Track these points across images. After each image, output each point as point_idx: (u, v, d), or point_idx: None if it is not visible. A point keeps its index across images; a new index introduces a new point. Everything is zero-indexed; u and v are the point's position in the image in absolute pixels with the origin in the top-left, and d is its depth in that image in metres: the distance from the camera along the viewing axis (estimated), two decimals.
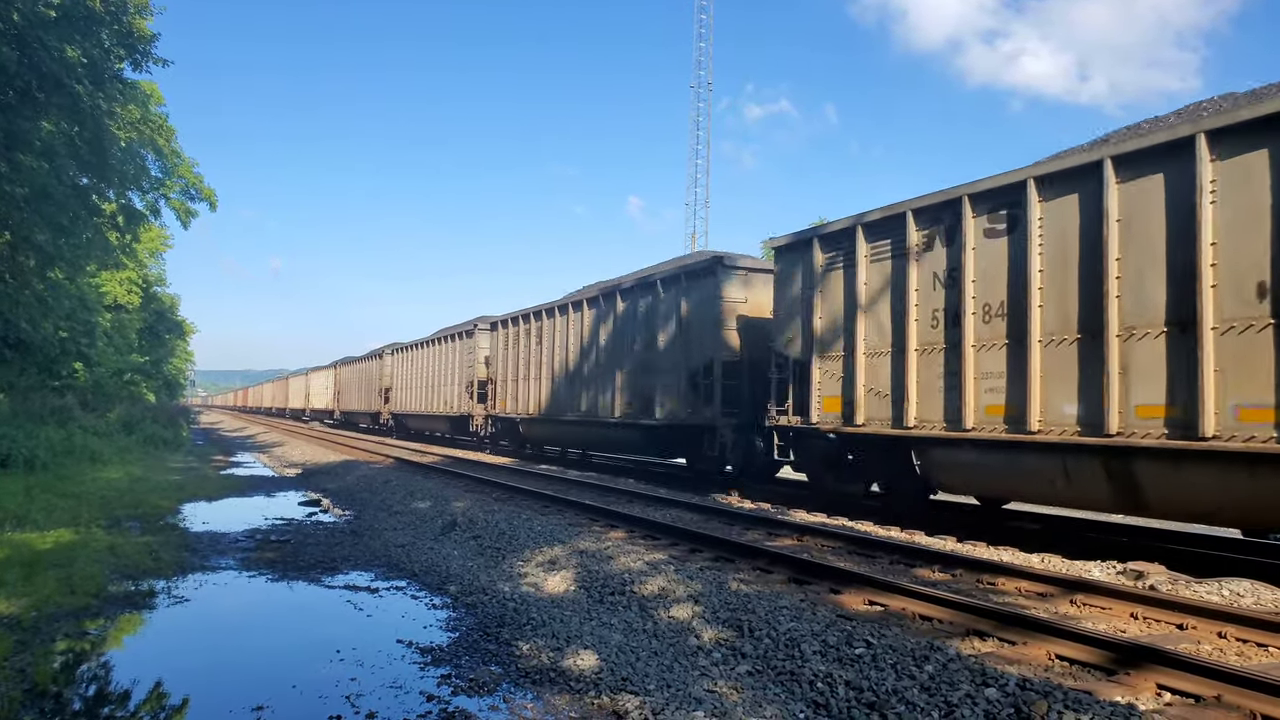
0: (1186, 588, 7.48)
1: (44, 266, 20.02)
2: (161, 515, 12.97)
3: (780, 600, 6.78)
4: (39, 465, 16.11)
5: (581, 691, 5.18)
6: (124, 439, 25.15)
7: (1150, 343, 8.38)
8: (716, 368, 15.41)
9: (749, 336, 15.46)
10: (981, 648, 5.69)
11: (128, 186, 24.11)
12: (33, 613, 6.82)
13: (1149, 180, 8.45)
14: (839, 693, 4.97)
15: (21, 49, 14.94)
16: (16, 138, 15.92)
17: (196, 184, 34.28)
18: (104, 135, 18.83)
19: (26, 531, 10.18)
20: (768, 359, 13.73)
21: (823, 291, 12.48)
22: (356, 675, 5.65)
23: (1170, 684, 4.80)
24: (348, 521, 12.96)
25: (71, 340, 26.65)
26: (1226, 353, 7.72)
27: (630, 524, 10.98)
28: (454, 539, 10.80)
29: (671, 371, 16.82)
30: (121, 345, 36.31)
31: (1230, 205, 7.82)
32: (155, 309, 45.42)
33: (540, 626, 6.57)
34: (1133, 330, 8.50)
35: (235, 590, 8.28)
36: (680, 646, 5.99)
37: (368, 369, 43.10)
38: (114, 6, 17.26)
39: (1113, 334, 8.60)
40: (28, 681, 5.41)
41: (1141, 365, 8.42)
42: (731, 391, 15.31)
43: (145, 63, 18.88)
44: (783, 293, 13.49)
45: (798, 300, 13.00)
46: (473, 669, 5.70)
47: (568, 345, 21.54)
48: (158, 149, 29.65)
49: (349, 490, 17.09)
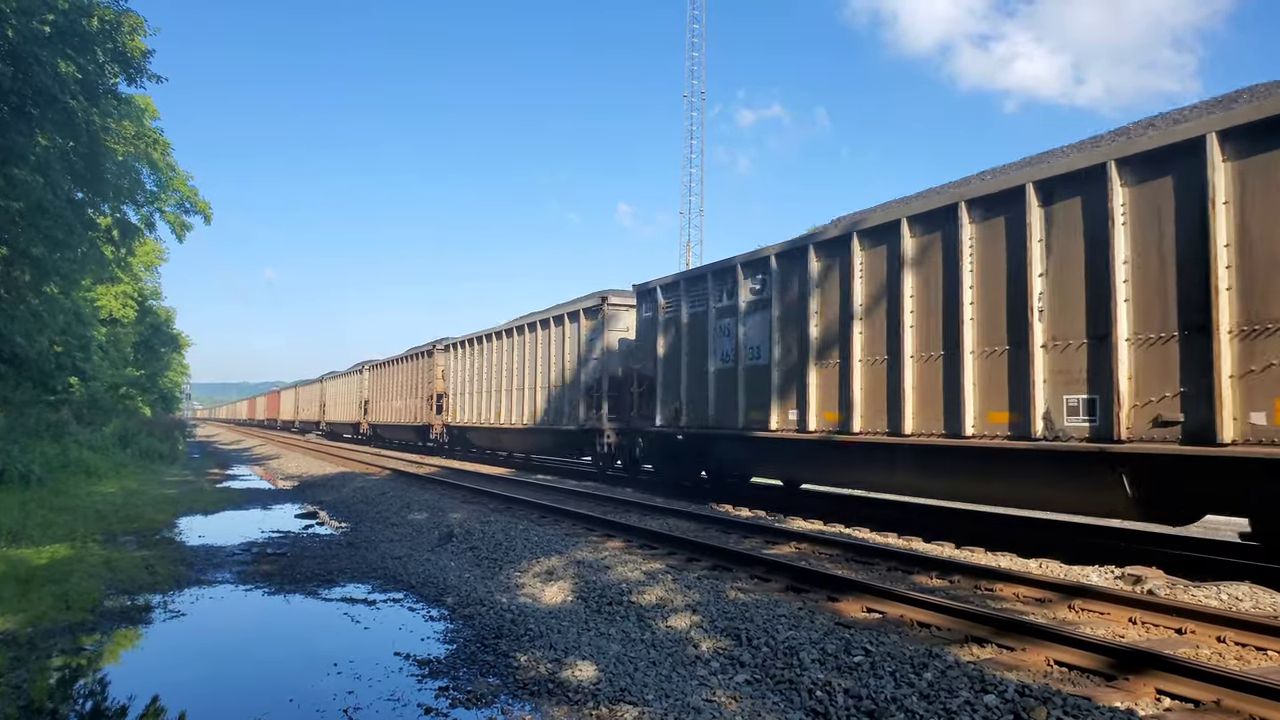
0: (1185, 592, 7.48)
1: (39, 281, 19.99)
2: (157, 529, 12.92)
3: (778, 608, 6.78)
4: (34, 480, 16.04)
5: (580, 703, 5.16)
6: (119, 453, 25.06)
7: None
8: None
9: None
10: (980, 654, 5.69)
11: (123, 200, 24.11)
12: (28, 628, 6.80)
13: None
14: (838, 701, 4.96)
15: (17, 65, 14.96)
16: (11, 152, 15.93)
17: (191, 197, 34.28)
18: (99, 150, 18.84)
19: (22, 547, 10.13)
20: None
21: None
22: (354, 688, 5.63)
23: (1169, 689, 4.80)
24: (344, 534, 12.92)
25: (67, 354, 26.60)
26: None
27: (627, 533, 10.97)
28: (451, 550, 10.77)
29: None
30: (117, 359, 36.23)
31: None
32: (151, 322, 45.34)
33: (538, 637, 6.56)
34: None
35: (232, 604, 8.25)
36: (679, 656, 5.98)
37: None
38: (108, 25, 17.28)
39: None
40: (24, 698, 5.39)
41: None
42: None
43: (140, 78, 18.91)
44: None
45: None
46: (471, 681, 5.68)
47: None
48: (152, 162, 29.64)
49: (345, 502, 17.05)
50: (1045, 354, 9.30)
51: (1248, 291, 7.65)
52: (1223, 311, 7.74)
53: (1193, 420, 7.97)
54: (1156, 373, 8.31)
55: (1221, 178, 7.83)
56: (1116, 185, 8.66)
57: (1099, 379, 8.76)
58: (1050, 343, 9.27)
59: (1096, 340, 8.82)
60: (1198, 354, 7.94)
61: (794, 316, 13.05)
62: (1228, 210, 7.80)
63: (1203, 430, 7.85)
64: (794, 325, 13.06)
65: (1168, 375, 8.22)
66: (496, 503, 14.89)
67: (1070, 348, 9.08)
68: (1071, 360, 9.06)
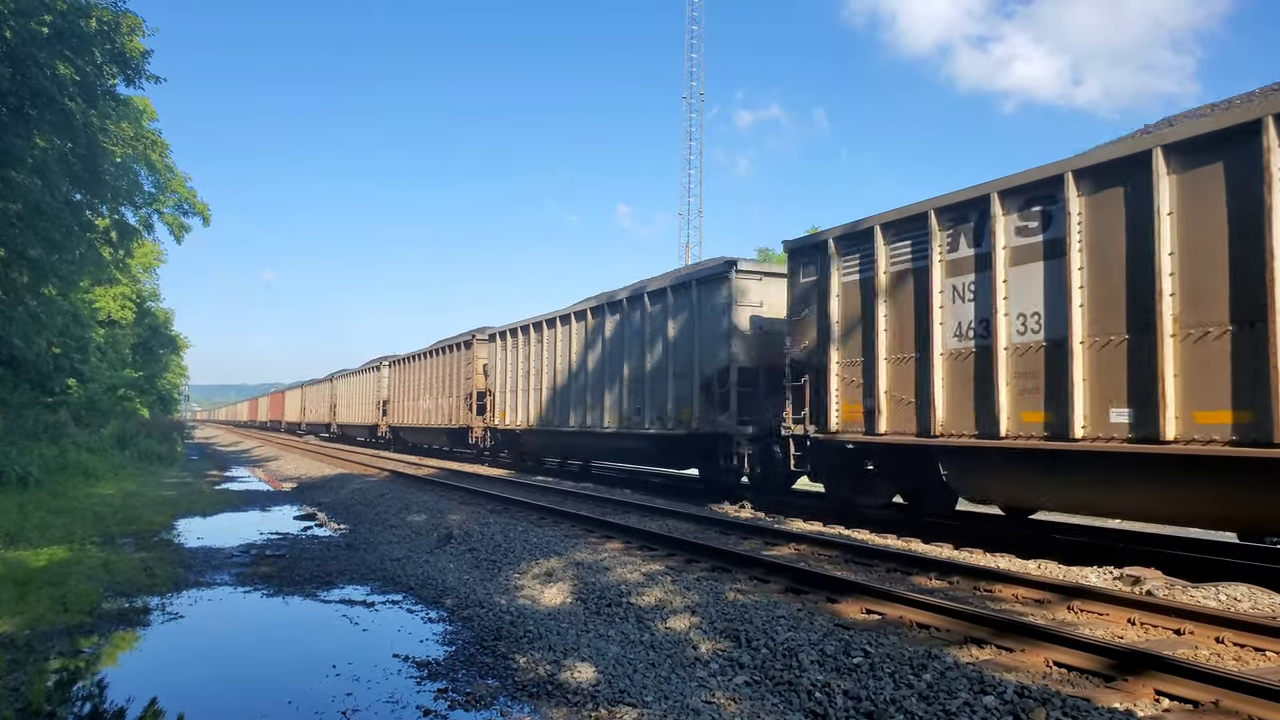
0: (1183, 592, 7.48)
1: (37, 282, 19.95)
2: (156, 531, 12.92)
3: (778, 610, 6.77)
4: (32, 482, 16.02)
5: (579, 704, 5.16)
6: (118, 455, 25.05)
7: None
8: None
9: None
10: (979, 655, 5.68)
11: (121, 202, 24.06)
12: (26, 631, 6.79)
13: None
14: (837, 702, 4.96)
15: (15, 66, 14.95)
16: (9, 154, 15.90)
17: (190, 198, 34.27)
18: (97, 151, 18.81)
19: (20, 549, 10.12)
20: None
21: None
22: (353, 690, 5.62)
23: (1168, 690, 4.80)
24: (343, 535, 12.91)
25: (65, 356, 26.55)
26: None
27: (627, 535, 10.97)
28: (450, 552, 10.77)
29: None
30: (115, 361, 36.19)
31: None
32: (149, 324, 45.29)
33: (537, 639, 6.55)
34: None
35: (230, 606, 8.24)
36: (678, 658, 5.98)
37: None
38: (107, 25, 17.27)
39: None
40: (21, 700, 5.38)
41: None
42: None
43: (138, 79, 18.89)
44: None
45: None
46: (469, 683, 5.68)
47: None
48: (150, 164, 29.60)
49: (344, 504, 17.04)
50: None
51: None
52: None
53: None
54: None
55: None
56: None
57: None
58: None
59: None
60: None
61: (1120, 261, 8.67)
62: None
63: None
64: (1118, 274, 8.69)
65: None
66: (495, 504, 14.88)
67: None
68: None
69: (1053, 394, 9.21)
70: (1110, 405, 8.64)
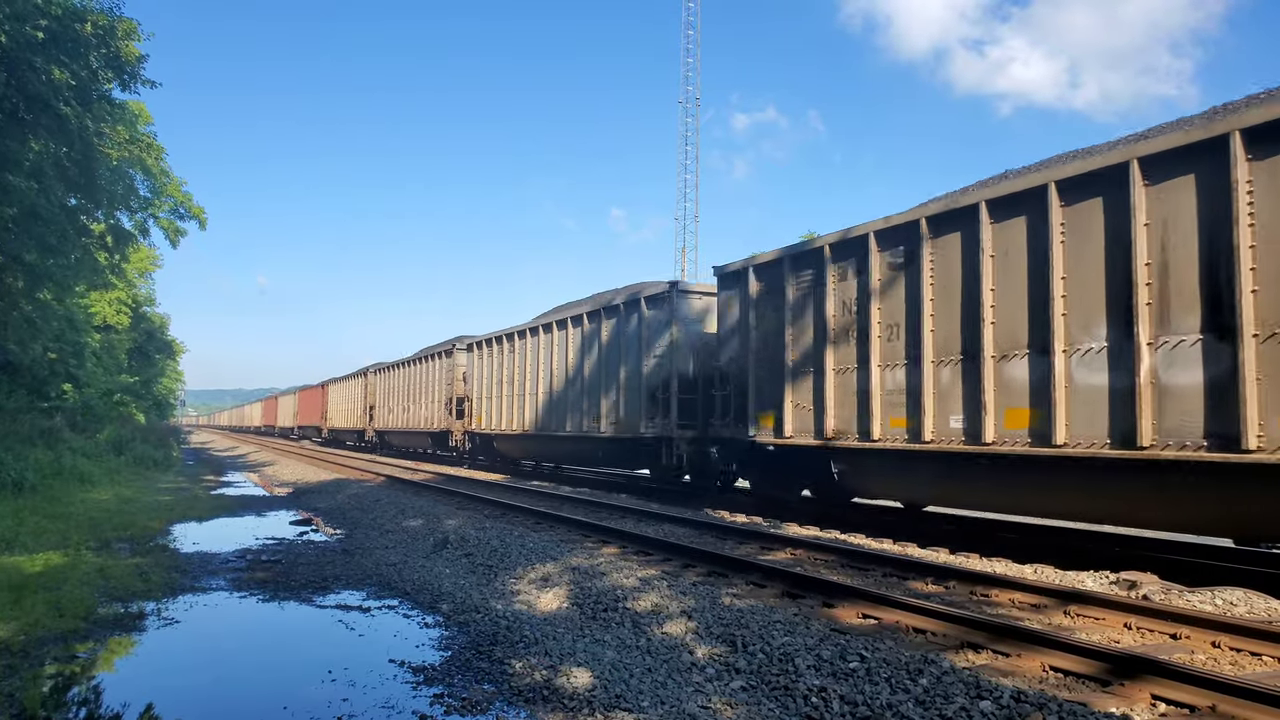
0: (1180, 597, 7.49)
1: (32, 287, 19.93)
2: (151, 536, 12.87)
3: (774, 615, 6.77)
4: (27, 487, 15.99)
5: (575, 710, 5.15)
6: (114, 460, 25.00)
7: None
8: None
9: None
10: (976, 660, 5.68)
11: (116, 206, 24.00)
12: (21, 636, 6.76)
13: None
14: (833, 707, 4.95)
15: (10, 70, 14.94)
16: (4, 158, 15.89)
17: (185, 203, 34.21)
18: (92, 155, 18.78)
19: (15, 554, 10.09)
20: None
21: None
22: (349, 696, 5.61)
23: (1165, 694, 4.81)
24: (339, 540, 12.89)
25: (60, 361, 26.52)
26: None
27: (623, 539, 10.96)
28: (446, 557, 10.75)
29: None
30: (111, 366, 36.13)
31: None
32: (145, 329, 45.24)
33: (533, 644, 6.54)
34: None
35: (226, 611, 8.22)
36: (674, 663, 5.97)
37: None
38: (102, 30, 17.26)
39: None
40: (16, 706, 5.36)
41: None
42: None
43: (133, 84, 18.87)
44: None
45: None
46: (465, 688, 5.67)
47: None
48: (146, 168, 29.56)
49: (340, 509, 17.01)
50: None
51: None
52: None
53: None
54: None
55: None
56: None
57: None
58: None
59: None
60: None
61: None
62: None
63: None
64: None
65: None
66: (491, 509, 14.86)
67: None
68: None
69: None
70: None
